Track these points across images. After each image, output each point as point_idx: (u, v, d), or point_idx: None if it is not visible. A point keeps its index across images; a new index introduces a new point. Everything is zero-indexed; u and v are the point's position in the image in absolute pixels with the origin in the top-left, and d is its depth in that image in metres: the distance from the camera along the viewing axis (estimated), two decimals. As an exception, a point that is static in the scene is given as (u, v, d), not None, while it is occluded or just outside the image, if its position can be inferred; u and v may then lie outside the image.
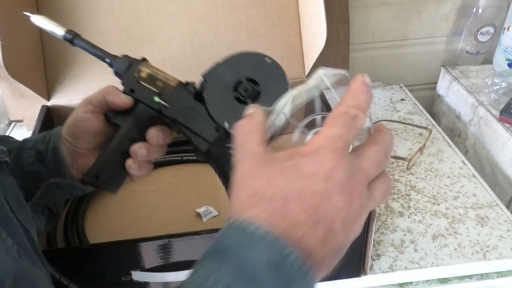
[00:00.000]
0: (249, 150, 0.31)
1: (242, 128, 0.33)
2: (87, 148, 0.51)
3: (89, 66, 0.83)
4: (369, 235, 0.59)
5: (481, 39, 1.05)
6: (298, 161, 0.29)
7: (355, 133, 0.30)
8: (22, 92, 0.94)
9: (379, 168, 0.30)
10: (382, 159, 0.30)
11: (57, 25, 0.50)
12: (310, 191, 0.28)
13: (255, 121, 0.33)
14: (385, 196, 0.31)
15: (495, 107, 0.90)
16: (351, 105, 0.30)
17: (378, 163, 0.30)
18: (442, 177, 0.81)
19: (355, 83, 0.31)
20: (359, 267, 0.64)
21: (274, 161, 0.30)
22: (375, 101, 1.05)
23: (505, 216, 0.73)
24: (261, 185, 0.29)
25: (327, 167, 0.28)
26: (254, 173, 0.30)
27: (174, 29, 0.84)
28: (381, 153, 0.30)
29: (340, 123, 0.29)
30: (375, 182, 0.30)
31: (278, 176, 0.28)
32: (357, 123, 0.30)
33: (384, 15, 1.07)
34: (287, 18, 0.86)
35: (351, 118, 0.29)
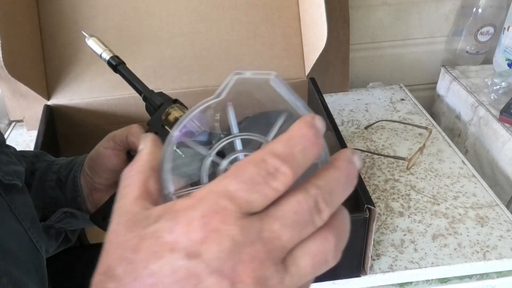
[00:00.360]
0: (120, 208, 0.24)
1: (124, 177, 0.25)
2: (104, 184, 0.50)
3: (89, 66, 0.83)
4: (369, 235, 0.59)
5: (481, 39, 1.05)
6: (164, 225, 0.21)
7: (265, 196, 0.20)
8: (22, 92, 0.94)
9: (303, 228, 0.21)
10: (307, 214, 0.21)
11: (105, 49, 0.50)
12: (167, 272, 0.20)
13: (138, 163, 0.25)
14: (320, 265, 0.22)
15: (495, 107, 0.90)
16: (276, 154, 0.21)
17: (299, 223, 0.21)
18: (442, 177, 0.81)
19: (298, 123, 0.22)
20: (359, 267, 0.64)
21: (139, 223, 0.22)
22: (375, 101, 1.05)
23: (505, 216, 0.73)
24: (115, 259, 0.21)
25: (194, 236, 0.20)
26: (114, 241, 0.22)
27: (174, 29, 0.84)
28: (306, 206, 0.21)
29: (243, 176, 0.20)
30: (297, 251, 0.21)
31: (133, 248, 0.21)
32: (275, 182, 0.20)
33: (384, 15, 1.07)
34: (287, 18, 0.86)
35: (266, 173, 0.20)
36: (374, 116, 1.00)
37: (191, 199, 0.21)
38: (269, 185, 0.20)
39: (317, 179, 0.22)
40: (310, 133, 0.21)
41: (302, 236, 0.21)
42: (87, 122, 0.86)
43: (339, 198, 0.22)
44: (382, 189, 0.79)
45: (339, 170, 0.22)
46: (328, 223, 0.22)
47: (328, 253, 0.22)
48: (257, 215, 0.21)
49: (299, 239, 0.21)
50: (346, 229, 0.23)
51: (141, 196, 0.23)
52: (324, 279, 0.64)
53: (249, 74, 0.24)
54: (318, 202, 0.21)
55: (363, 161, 0.86)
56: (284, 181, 0.20)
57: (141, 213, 0.22)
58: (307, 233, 0.21)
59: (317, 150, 0.21)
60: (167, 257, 0.20)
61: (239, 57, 0.86)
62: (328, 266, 0.22)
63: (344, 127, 0.96)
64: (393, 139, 0.92)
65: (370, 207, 0.56)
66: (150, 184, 0.24)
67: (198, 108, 0.24)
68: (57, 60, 0.84)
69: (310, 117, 0.22)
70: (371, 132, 0.95)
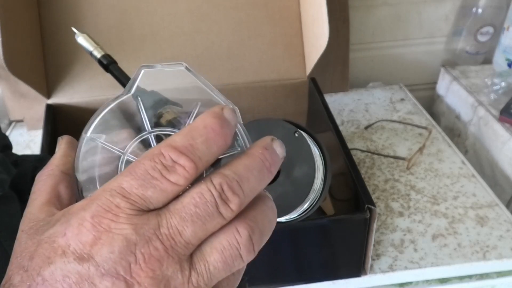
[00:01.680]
0: (26, 215, 0.22)
1: (35, 182, 0.24)
2: None
3: (89, 65, 0.83)
4: (370, 235, 0.59)
5: (481, 39, 1.05)
6: (58, 229, 0.20)
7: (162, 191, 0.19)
8: (22, 92, 0.94)
9: (208, 221, 0.19)
10: (211, 205, 0.19)
11: (96, 47, 0.50)
12: (59, 277, 0.19)
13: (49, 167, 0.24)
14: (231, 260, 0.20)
15: (495, 107, 0.90)
16: (173, 146, 0.20)
17: (202, 215, 0.19)
18: (442, 177, 0.82)
19: (203, 114, 0.21)
20: (359, 267, 0.64)
21: (40, 230, 0.21)
22: (375, 101, 1.05)
23: (505, 216, 0.73)
24: (13, 268, 0.20)
25: (84, 238, 0.19)
26: (16, 250, 0.21)
27: (175, 29, 0.84)
28: (209, 196, 0.20)
29: (138, 171, 0.19)
30: (205, 246, 0.20)
31: (30, 256, 0.20)
32: (172, 176, 0.19)
33: (384, 15, 1.07)
34: (288, 18, 0.86)
35: (162, 167, 0.19)
36: (374, 116, 1.00)
37: (86, 200, 0.20)
38: (165, 179, 0.19)
39: (224, 168, 0.20)
40: (214, 123, 0.20)
41: (208, 229, 0.20)
42: (87, 121, 0.86)
43: (252, 186, 0.20)
44: (382, 189, 0.79)
45: (251, 157, 0.21)
46: (241, 214, 0.20)
47: (240, 246, 0.20)
48: (155, 211, 0.19)
49: (204, 234, 0.20)
50: (267, 220, 0.21)
51: (49, 202, 0.22)
52: (324, 279, 0.64)
53: (159, 67, 0.23)
54: (224, 191, 0.20)
55: (363, 160, 0.86)
56: (184, 174, 0.19)
57: (44, 220, 0.21)
58: (214, 226, 0.20)
59: (222, 141, 0.20)
60: (58, 262, 0.19)
61: (240, 57, 0.86)
62: (242, 261, 0.20)
63: (344, 127, 0.97)
64: (393, 139, 0.92)
65: (371, 207, 0.56)
66: (60, 188, 0.23)
67: (108, 108, 0.24)
68: (58, 59, 0.83)
69: (218, 107, 0.21)
70: (371, 132, 0.95)
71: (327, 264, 0.64)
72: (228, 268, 0.20)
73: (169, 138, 0.20)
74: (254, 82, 0.86)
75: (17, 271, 0.20)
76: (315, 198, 0.41)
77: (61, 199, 0.23)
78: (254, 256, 0.21)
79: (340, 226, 0.59)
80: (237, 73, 0.86)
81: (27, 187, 0.49)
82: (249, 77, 0.86)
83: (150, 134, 0.24)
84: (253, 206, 0.21)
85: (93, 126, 0.23)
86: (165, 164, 0.19)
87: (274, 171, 0.22)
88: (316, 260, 0.63)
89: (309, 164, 0.39)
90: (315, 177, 0.39)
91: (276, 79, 0.86)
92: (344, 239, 0.61)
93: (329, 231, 0.59)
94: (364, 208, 0.57)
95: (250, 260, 0.21)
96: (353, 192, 0.61)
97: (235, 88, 0.86)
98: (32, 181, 0.49)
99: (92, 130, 0.23)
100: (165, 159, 0.19)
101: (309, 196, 0.40)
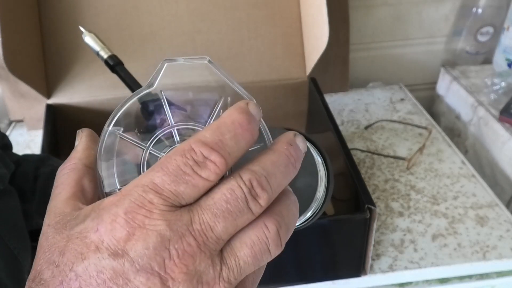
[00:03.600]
0: (51, 209, 0.22)
1: (57, 176, 0.24)
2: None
3: (89, 65, 0.83)
4: (369, 235, 0.59)
5: (481, 39, 1.05)
6: (89, 224, 0.20)
7: (193, 186, 0.20)
8: (22, 92, 0.94)
9: (238, 217, 0.20)
10: (241, 201, 0.20)
11: (103, 48, 0.49)
12: (93, 273, 0.19)
13: (71, 161, 0.24)
14: (260, 255, 0.21)
15: (495, 107, 0.90)
16: (204, 142, 0.20)
17: (233, 211, 0.20)
18: (442, 177, 0.82)
19: (230, 109, 0.21)
20: (359, 267, 0.64)
21: (68, 225, 0.21)
22: (375, 101, 1.05)
23: (505, 216, 0.73)
24: (43, 263, 0.20)
25: (118, 234, 0.19)
26: (44, 245, 0.21)
27: (175, 28, 0.84)
28: (239, 192, 0.20)
29: (170, 167, 0.20)
30: (235, 241, 0.20)
31: (60, 251, 0.20)
32: (204, 172, 0.20)
33: (384, 15, 1.07)
34: (288, 18, 0.86)
35: (193, 163, 0.20)
36: (374, 116, 1.00)
37: (117, 195, 0.20)
38: (197, 175, 0.20)
39: (252, 164, 0.21)
40: (242, 118, 0.20)
41: (238, 225, 0.20)
42: (87, 121, 0.85)
43: (279, 182, 0.21)
44: (382, 189, 0.79)
45: (277, 152, 0.21)
46: (268, 209, 0.21)
47: (269, 241, 0.21)
48: (187, 207, 0.20)
49: (234, 229, 0.20)
50: (291, 214, 0.22)
51: (74, 196, 0.22)
52: (324, 279, 0.65)
53: (181, 60, 0.23)
54: (254, 187, 0.20)
55: (363, 160, 0.86)
56: (215, 170, 0.20)
57: (71, 214, 0.21)
58: (244, 221, 0.20)
59: (250, 136, 0.21)
60: (92, 258, 0.19)
61: (240, 57, 0.86)
62: (270, 256, 0.21)
63: (344, 127, 0.97)
64: (393, 139, 0.92)
65: (371, 207, 0.56)
66: (84, 182, 0.23)
67: (130, 101, 0.24)
68: (58, 59, 0.84)
69: (244, 102, 0.21)
70: (371, 132, 0.95)
71: (327, 264, 0.64)
72: (257, 263, 0.21)
73: (198, 133, 0.20)
74: (254, 82, 0.86)
75: (47, 266, 0.20)
76: (317, 208, 0.41)
77: (86, 193, 0.23)
78: (281, 250, 0.21)
79: (340, 226, 0.59)
80: (237, 73, 0.86)
81: (28, 187, 0.49)
82: (249, 77, 0.86)
83: (173, 128, 0.23)
84: (278, 201, 0.21)
85: (115, 120, 0.23)
86: (197, 160, 0.20)
87: (298, 166, 0.22)
88: (316, 260, 0.63)
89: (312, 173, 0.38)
90: (318, 187, 0.39)
91: (276, 79, 0.86)
92: (344, 239, 0.61)
93: (329, 231, 0.59)
94: (364, 208, 0.57)
95: (277, 254, 0.21)
96: (353, 192, 0.61)
97: (235, 88, 0.86)
98: (34, 180, 0.50)
99: (114, 123, 0.23)
100: (196, 155, 0.20)
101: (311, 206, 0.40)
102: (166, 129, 0.23)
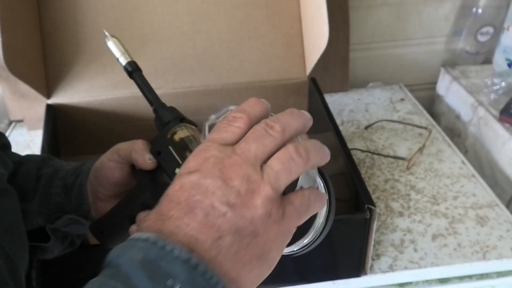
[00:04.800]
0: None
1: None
2: (107, 195, 0.50)
3: (89, 65, 0.83)
4: (370, 235, 0.59)
5: (481, 39, 1.05)
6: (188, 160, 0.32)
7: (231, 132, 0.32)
8: (22, 92, 0.94)
9: (263, 139, 0.31)
10: (263, 131, 0.31)
11: (123, 53, 0.48)
12: (177, 187, 0.30)
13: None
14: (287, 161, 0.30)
15: (495, 107, 0.90)
16: (235, 111, 0.33)
17: (258, 137, 0.31)
18: (442, 177, 0.82)
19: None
20: (359, 267, 0.64)
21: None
22: (375, 101, 1.05)
23: (505, 216, 0.73)
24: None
25: (193, 163, 0.31)
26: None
27: (175, 28, 0.84)
28: (260, 127, 0.31)
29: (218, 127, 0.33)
30: (269, 160, 0.30)
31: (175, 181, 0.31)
32: (235, 123, 0.32)
33: (384, 15, 1.07)
34: (288, 18, 0.86)
35: (229, 121, 0.32)
36: (374, 116, 1.00)
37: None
38: (232, 126, 0.32)
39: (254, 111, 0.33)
40: (253, 99, 0.33)
41: (266, 145, 0.31)
42: (87, 121, 0.86)
43: (287, 120, 0.32)
44: (382, 189, 0.79)
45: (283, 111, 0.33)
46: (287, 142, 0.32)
47: (291, 153, 0.30)
48: (230, 146, 0.31)
49: (263, 148, 0.30)
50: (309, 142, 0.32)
51: None
52: (324, 279, 0.65)
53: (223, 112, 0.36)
54: (268, 123, 0.31)
55: (363, 160, 0.86)
56: (241, 122, 0.32)
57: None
58: (269, 142, 0.31)
59: (261, 106, 0.33)
60: (184, 179, 0.30)
61: (240, 57, 0.86)
62: (295, 164, 0.30)
63: (344, 127, 0.97)
64: (393, 139, 0.92)
65: (371, 207, 0.56)
66: None
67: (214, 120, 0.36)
68: (58, 59, 0.83)
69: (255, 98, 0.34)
70: (371, 132, 0.95)
71: (327, 264, 0.64)
72: (287, 168, 0.30)
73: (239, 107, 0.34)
74: (254, 82, 0.86)
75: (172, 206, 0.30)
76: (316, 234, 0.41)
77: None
78: (307, 162, 0.31)
79: (340, 226, 0.59)
80: (237, 73, 0.86)
81: (30, 186, 0.49)
82: (249, 77, 0.86)
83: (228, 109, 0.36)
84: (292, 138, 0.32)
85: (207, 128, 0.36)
86: (230, 120, 0.32)
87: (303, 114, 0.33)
88: (316, 260, 0.63)
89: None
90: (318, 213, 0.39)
91: (276, 79, 0.86)
92: (344, 239, 0.61)
93: (329, 231, 0.59)
94: (364, 208, 0.57)
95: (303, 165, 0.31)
96: (353, 192, 0.61)
97: (235, 88, 0.86)
98: (35, 180, 0.50)
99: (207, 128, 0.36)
100: (230, 117, 0.32)
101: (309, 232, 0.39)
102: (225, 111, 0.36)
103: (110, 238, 0.48)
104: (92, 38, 0.83)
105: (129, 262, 0.26)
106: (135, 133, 0.78)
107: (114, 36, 0.49)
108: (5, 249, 0.36)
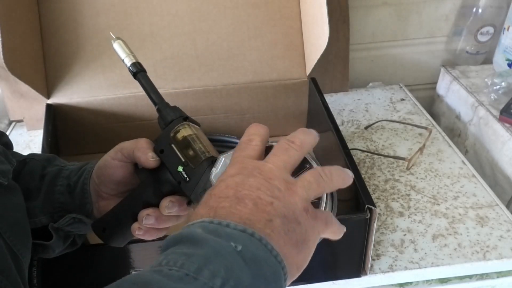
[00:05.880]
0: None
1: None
2: (109, 193, 0.50)
3: (89, 65, 0.83)
4: (370, 235, 0.59)
5: (481, 39, 1.05)
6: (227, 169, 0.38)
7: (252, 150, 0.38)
8: (22, 92, 0.94)
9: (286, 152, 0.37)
10: (286, 145, 0.37)
11: (128, 55, 0.49)
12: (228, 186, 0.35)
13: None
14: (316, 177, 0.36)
15: (495, 107, 0.90)
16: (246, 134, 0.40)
17: (282, 150, 0.37)
18: (442, 177, 0.82)
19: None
20: (359, 267, 0.64)
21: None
22: (375, 101, 1.05)
23: (505, 216, 0.73)
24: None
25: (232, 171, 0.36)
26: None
27: (175, 28, 0.84)
28: (283, 143, 0.37)
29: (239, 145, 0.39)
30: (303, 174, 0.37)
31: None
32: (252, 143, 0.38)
33: (384, 15, 1.07)
34: (289, 18, 0.86)
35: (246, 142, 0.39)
36: (374, 116, 1.00)
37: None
38: (251, 145, 0.38)
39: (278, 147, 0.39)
40: (254, 124, 0.40)
41: (290, 156, 0.37)
42: (87, 121, 0.86)
43: (301, 135, 0.38)
44: (382, 189, 0.79)
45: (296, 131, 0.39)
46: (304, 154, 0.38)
47: (319, 171, 0.36)
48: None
49: (289, 159, 0.36)
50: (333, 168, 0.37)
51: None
52: (325, 279, 0.64)
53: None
54: (289, 139, 0.38)
55: (363, 160, 0.86)
56: (258, 140, 0.38)
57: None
58: (292, 154, 0.37)
59: (262, 127, 0.40)
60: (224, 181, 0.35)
61: (240, 57, 0.86)
62: (323, 179, 0.36)
63: (344, 127, 0.97)
64: (393, 139, 0.92)
65: (371, 207, 0.56)
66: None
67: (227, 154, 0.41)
68: (58, 59, 0.83)
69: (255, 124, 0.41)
70: (371, 132, 0.95)
71: (327, 264, 0.64)
72: (317, 181, 0.36)
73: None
74: (254, 82, 0.86)
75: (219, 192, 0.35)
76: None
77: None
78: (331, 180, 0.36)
79: (340, 226, 0.59)
80: (237, 73, 0.86)
81: (34, 185, 0.49)
82: (249, 77, 0.86)
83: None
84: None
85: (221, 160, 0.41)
86: (246, 142, 0.39)
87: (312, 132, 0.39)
88: (316, 260, 0.62)
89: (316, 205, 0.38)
90: None
91: (276, 79, 0.86)
92: (344, 239, 0.60)
93: (329, 231, 0.59)
94: (364, 208, 0.57)
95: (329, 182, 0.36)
96: (353, 192, 0.61)
97: (235, 88, 0.86)
98: (40, 179, 0.50)
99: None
100: (246, 139, 0.39)
101: None
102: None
103: (111, 236, 0.48)
104: (92, 38, 0.83)
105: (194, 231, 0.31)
106: (135, 133, 0.78)
107: (120, 38, 0.49)
108: (13, 248, 0.36)
